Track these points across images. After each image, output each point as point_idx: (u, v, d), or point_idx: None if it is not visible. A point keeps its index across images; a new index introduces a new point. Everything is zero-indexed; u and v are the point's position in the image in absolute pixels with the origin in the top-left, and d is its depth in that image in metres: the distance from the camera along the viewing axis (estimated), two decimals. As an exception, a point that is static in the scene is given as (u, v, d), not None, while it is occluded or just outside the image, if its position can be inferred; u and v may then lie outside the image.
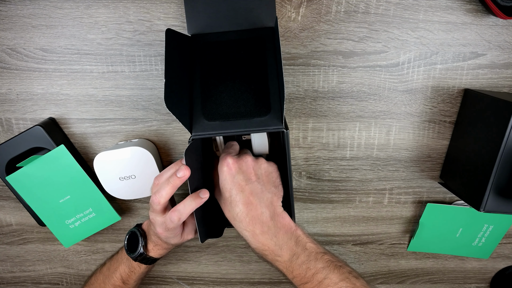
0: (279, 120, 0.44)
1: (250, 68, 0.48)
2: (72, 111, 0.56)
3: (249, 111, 0.45)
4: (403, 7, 0.52)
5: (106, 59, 0.54)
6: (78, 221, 0.58)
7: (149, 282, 0.69)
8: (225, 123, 0.45)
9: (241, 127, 0.44)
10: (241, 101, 0.46)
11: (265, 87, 0.46)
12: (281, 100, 0.44)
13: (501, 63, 0.54)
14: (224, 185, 0.45)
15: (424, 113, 0.57)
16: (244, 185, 0.44)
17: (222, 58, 0.49)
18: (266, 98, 0.46)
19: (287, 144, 0.44)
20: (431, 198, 0.63)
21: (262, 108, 0.45)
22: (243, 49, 0.49)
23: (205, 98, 0.46)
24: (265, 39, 0.49)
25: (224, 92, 0.46)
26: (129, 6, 0.51)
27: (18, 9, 0.51)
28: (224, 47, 0.49)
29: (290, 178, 0.47)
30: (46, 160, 0.52)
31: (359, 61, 0.54)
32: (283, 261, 0.44)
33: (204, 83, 0.47)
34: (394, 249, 0.67)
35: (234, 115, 0.45)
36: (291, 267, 0.44)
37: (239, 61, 0.48)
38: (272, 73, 0.47)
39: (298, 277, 0.44)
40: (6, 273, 0.68)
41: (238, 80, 0.47)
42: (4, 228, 0.64)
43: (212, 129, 0.44)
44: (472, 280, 0.70)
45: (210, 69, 0.48)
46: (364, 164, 0.60)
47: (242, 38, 0.50)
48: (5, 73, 0.54)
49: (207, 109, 0.46)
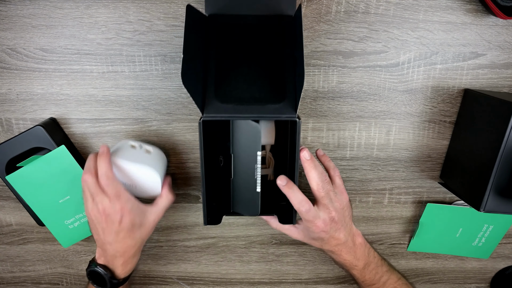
0: (293, 108, 0.43)
1: (266, 54, 0.47)
2: (72, 111, 0.56)
3: (264, 97, 0.44)
4: (403, 7, 0.52)
5: (106, 59, 0.54)
6: (77, 222, 0.58)
7: (149, 282, 0.69)
8: (239, 107, 0.44)
9: (255, 113, 0.43)
10: (256, 86, 0.45)
11: (281, 74, 0.45)
12: (298, 89, 0.43)
13: (501, 63, 0.54)
14: (319, 235, 0.51)
15: (424, 113, 0.57)
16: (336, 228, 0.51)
17: (239, 41, 0.48)
18: (281, 86, 0.45)
19: (298, 135, 0.44)
20: (431, 198, 0.63)
21: (276, 95, 0.44)
22: (261, 35, 0.48)
23: (219, 80, 0.46)
24: (284, 27, 0.48)
25: (239, 76, 0.46)
26: (129, 6, 0.51)
27: (18, 9, 0.51)
28: (242, 31, 0.48)
29: (296, 170, 0.46)
30: (46, 160, 0.52)
31: (359, 61, 0.54)
32: (359, 269, 0.54)
33: (219, 65, 0.46)
34: (394, 249, 0.67)
35: (248, 100, 0.44)
36: (364, 273, 0.55)
37: (256, 46, 0.47)
38: (289, 61, 0.46)
39: (368, 280, 0.55)
40: (6, 273, 0.67)
41: (254, 65, 0.46)
42: (4, 228, 0.64)
43: (225, 112, 0.43)
44: (472, 280, 0.70)
45: (226, 51, 0.47)
46: (364, 164, 0.60)
47: (261, 23, 0.49)
48: (5, 73, 0.54)
49: (221, 92, 0.45)
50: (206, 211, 0.48)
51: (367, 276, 0.55)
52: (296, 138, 0.44)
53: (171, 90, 0.55)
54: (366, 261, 0.54)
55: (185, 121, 0.57)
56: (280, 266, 0.68)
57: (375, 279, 0.55)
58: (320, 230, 0.49)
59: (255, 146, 0.46)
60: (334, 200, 0.49)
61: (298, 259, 0.68)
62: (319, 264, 0.68)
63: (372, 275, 0.55)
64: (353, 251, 0.53)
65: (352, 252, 0.53)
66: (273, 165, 0.54)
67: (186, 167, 0.60)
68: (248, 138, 0.46)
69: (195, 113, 0.56)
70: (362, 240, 0.54)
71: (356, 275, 0.55)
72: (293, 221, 0.50)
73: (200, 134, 0.44)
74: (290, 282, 0.69)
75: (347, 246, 0.52)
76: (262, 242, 0.66)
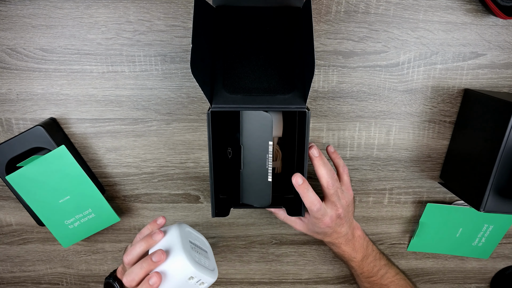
0: (302, 99, 0.43)
1: (275, 45, 0.47)
2: (72, 111, 0.56)
3: (272, 88, 0.44)
4: (403, 7, 0.52)
5: (106, 59, 0.54)
6: (77, 222, 0.58)
7: (149, 282, 0.69)
8: (247, 97, 0.44)
9: (263, 103, 0.43)
10: (264, 77, 0.45)
11: (289, 65, 0.45)
12: (307, 79, 0.42)
13: (501, 63, 0.54)
14: (324, 230, 0.52)
15: (424, 113, 0.57)
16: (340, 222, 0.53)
17: (247, 32, 0.48)
18: (290, 76, 0.45)
19: (307, 126, 0.44)
20: (431, 198, 0.63)
21: (285, 85, 0.44)
22: (269, 26, 0.48)
23: (227, 71, 0.45)
24: (292, 19, 0.48)
25: (247, 67, 0.46)
26: (129, 6, 0.51)
27: (18, 9, 0.51)
28: (249, 22, 0.48)
29: (305, 161, 0.46)
30: (46, 160, 0.52)
31: (359, 61, 0.54)
32: (357, 261, 0.55)
33: (227, 56, 0.46)
34: (394, 249, 0.67)
35: (257, 90, 0.44)
36: (362, 265, 0.56)
37: (264, 37, 0.47)
38: (297, 52, 0.46)
39: (366, 272, 0.56)
40: (6, 273, 0.67)
41: (262, 56, 0.46)
42: (4, 228, 0.64)
43: (233, 103, 0.43)
44: (472, 280, 0.70)
45: (234, 42, 0.47)
46: (364, 164, 0.60)
47: (268, 15, 0.49)
48: (5, 73, 0.54)
49: (229, 82, 0.45)
50: (214, 203, 0.48)
51: (365, 268, 0.56)
52: (306, 130, 0.44)
53: (171, 90, 0.55)
54: (364, 254, 0.56)
55: (185, 121, 0.57)
56: (280, 266, 0.68)
57: (373, 271, 0.56)
58: (326, 226, 0.50)
59: (266, 136, 0.45)
60: (341, 197, 0.51)
61: (298, 259, 0.68)
62: (319, 264, 0.68)
63: (370, 268, 0.56)
64: (352, 243, 0.55)
65: (351, 244, 0.54)
66: (280, 158, 0.54)
67: (186, 167, 0.60)
68: (259, 128, 0.45)
69: (195, 113, 0.56)
70: (361, 233, 0.56)
71: (354, 267, 0.56)
72: (301, 213, 0.51)
73: (209, 125, 0.44)
74: (290, 282, 0.69)
75: (347, 238, 0.54)
76: (262, 242, 0.66)
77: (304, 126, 0.44)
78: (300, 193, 0.47)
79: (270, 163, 0.47)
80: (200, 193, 0.62)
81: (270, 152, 0.46)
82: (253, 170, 0.48)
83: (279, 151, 0.54)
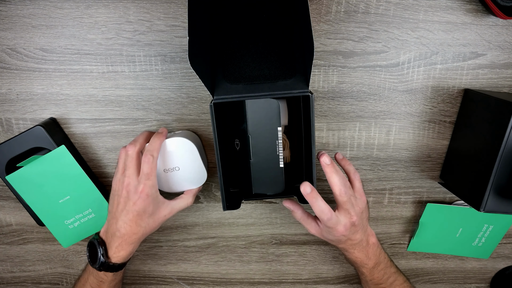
0: (304, 83, 0.43)
1: (273, 31, 0.46)
2: (72, 111, 0.56)
3: (273, 74, 0.44)
4: (403, 7, 0.52)
5: (106, 59, 0.54)
6: (78, 222, 0.58)
7: (149, 282, 0.69)
8: (249, 86, 0.43)
9: (265, 91, 0.43)
10: (264, 64, 0.45)
11: (289, 50, 0.45)
12: (308, 63, 0.42)
13: (501, 63, 0.54)
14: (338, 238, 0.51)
15: (424, 113, 0.57)
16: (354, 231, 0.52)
17: (244, 19, 0.47)
18: (290, 61, 0.44)
19: (312, 109, 0.43)
20: (431, 198, 0.63)
21: (286, 71, 0.44)
22: (266, 12, 0.48)
23: (227, 61, 0.45)
24: (288, 3, 0.48)
25: (246, 55, 0.45)
26: (129, 6, 0.51)
27: (18, 9, 0.51)
28: (246, 9, 0.48)
29: (313, 146, 0.45)
30: (46, 160, 0.52)
31: (359, 61, 0.54)
32: (368, 268, 0.55)
33: (225, 46, 0.46)
34: (394, 249, 0.67)
35: (258, 78, 0.44)
36: (373, 272, 0.56)
37: (262, 23, 0.47)
38: (296, 37, 0.46)
39: (376, 279, 0.56)
40: (6, 273, 0.67)
41: (261, 42, 0.46)
42: (4, 228, 0.64)
43: (236, 92, 0.43)
44: (472, 280, 0.70)
45: (232, 31, 0.47)
46: (364, 164, 0.60)
47: (264, 1, 0.48)
48: (5, 73, 0.54)
49: (229, 72, 0.44)
50: (224, 196, 0.48)
51: (376, 275, 0.56)
52: (311, 114, 0.43)
53: (171, 90, 0.55)
54: (377, 261, 0.55)
55: (185, 121, 0.57)
56: (280, 266, 0.68)
57: (383, 279, 0.56)
58: (340, 235, 0.50)
59: (274, 123, 0.45)
60: (355, 204, 0.50)
61: (298, 259, 0.68)
62: (319, 264, 0.68)
63: (381, 275, 0.56)
64: (366, 250, 0.54)
65: (365, 251, 0.54)
66: (288, 147, 0.54)
67: (186, 167, 0.60)
68: (266, 116, 0.45)
69: (195, 113, 0.56)
70: (376, 240, 0.55)
71: (365, 273, 0.56)
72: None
73: (212, 117, 0.43)
74: (290, 282, 0.69)
75: (361, 245, 0.53)
76: (262, 242, 0.66)
77: (308, 110, 0.43)
78: (309, 202, 0.47)
79: (280, 149, 0.46)
80: (200, 193, 0.62)
81: (280, 138, 0.45)
82: (263, 158, 0.47)
83: (286, 140, 0.53)
